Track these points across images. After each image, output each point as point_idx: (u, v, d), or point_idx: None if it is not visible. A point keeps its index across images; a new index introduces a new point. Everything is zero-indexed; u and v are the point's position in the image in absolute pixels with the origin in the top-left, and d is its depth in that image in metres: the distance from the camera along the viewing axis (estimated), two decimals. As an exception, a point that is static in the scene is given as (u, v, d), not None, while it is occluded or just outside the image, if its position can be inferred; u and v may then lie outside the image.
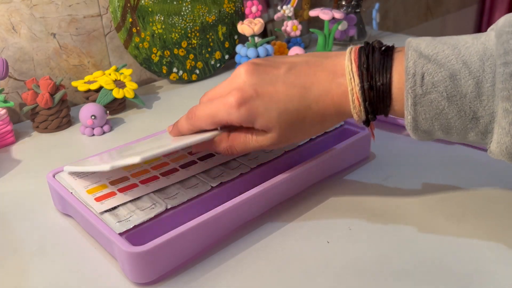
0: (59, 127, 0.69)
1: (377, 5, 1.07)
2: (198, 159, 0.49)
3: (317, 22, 1.03)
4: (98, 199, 0.43)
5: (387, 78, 0.38)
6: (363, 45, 0.40)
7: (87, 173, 0.48)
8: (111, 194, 0.44)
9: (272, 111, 0.40)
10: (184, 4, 0.84)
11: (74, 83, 0.74)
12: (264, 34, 1.02)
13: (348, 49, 0.41)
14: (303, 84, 0.40)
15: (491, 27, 0.38)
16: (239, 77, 0.41)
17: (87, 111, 0.66)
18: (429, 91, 0.36)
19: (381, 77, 0.38)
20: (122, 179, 0.46)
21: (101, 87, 0.73)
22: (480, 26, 1.87)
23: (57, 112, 0.68)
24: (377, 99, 0.39)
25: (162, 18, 0.82)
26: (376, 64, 0.38)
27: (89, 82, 0.73)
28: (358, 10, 1.03)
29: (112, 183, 0.46)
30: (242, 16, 0.93)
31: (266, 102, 0.40)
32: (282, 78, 0.41)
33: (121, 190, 0.44)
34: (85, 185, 0.46)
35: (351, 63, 0.39)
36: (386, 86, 0.38)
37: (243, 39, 0.94)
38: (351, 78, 0.39)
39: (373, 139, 0.47)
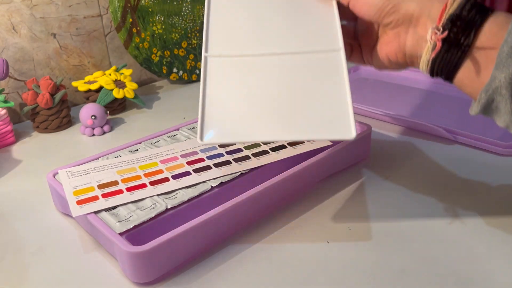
0: (59, 127, 0.69)
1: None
2: (193, 170, 0.48)
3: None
4: (79, 202, 0.43)
5: (488, 10, 0.38)
6: None
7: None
8: (94, 199, 0.44)
9: None
10: (184, 4, 0.84)
11: (74, 83, 0.74)
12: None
13: None
14: None
15: None
16: None
17: (87, 111, 0.66)
18: None
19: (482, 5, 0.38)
20: (111, 183, 0.46)
21: (101, 87, 0.73)
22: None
23: (57, 112, 0.68)
24: (470, 12, 0.37)
25: (162, 18, 0.82)
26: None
27: (89, 82, 0.74)
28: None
29: (100, 186, 0.46)
30: (242, 16, 0.93)
31: None
32: None
33: (105, 196, 0.44)
34: (74, 185, 0.46)
35: None
36: (484, 10, 0.37)
37: (243, 39, 0.94)
38: None
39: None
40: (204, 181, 0.46)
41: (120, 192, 0.45)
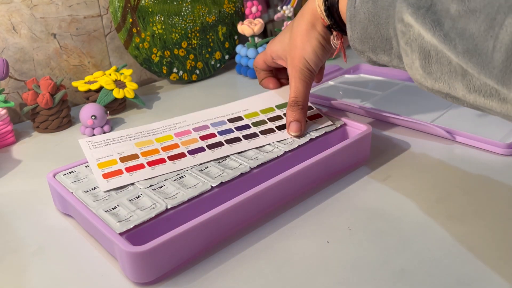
0: (60, 127, 0.69)
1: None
2: (207, 146, 0.51)
3: (317, 23, 1.03)
4: (105, 176, 0.45)
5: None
6: None
7: (103, 142, 0.50)
8: (118, 173, 0.45)
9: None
10: (184, 5, 0.84)
11: (74, 83, 0.74)
12: (264, 34, 1.02)
13: None
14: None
15: None
16: None
17: (87, 111, 0.66)
18: (358, 11, 0.41)
19: None
20: (132, 157, 0.48)
21: (101, 87, 0.73)
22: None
23: (58, 112, 0.68)
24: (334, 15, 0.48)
25: (162, 19, 0.82)
26: None
27: (90, 82, 0.74)
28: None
29: (122, 159, 0.47)
30: (242, 17, 0.93)
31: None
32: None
33: (129, 170, 0.45)
34: (97, 157, 0.47)
35: None
36: (335, 4, 0.47)
37: (243, 39, 0.95)
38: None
39: (344, 60, 0.54)
40: (204, 181, 0.46)
41: (142, 166, 0.46)
